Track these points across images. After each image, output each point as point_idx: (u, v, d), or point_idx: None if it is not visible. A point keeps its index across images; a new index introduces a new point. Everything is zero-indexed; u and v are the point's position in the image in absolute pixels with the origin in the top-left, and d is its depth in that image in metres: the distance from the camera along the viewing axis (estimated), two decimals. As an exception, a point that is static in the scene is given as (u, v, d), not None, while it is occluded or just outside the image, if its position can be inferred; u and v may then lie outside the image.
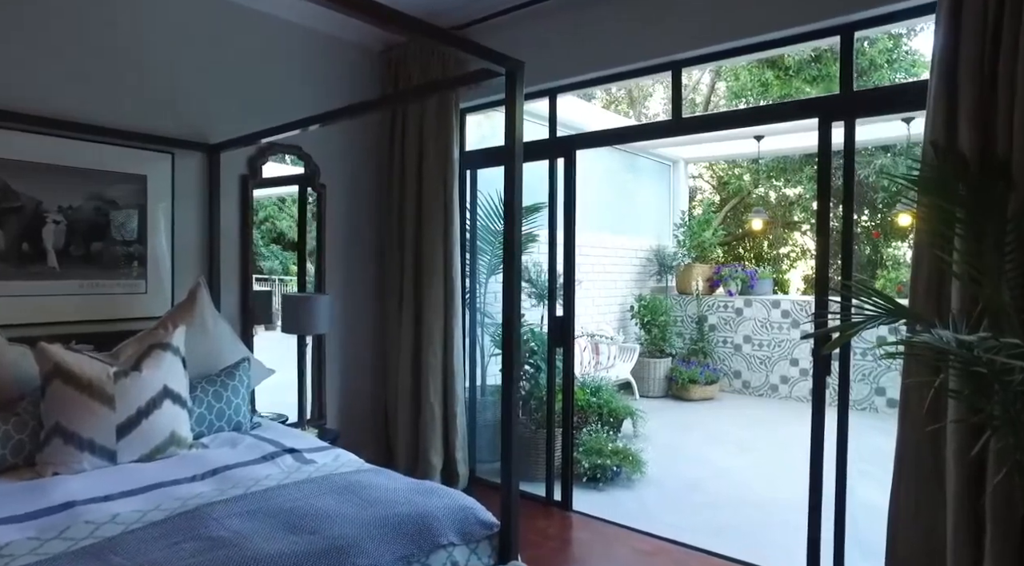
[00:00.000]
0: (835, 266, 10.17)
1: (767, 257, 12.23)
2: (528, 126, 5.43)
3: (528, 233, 4.72)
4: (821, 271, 2.81)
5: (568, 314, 3.77)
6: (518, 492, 2.09)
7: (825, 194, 2.81)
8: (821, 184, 2.83)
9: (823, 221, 2.83)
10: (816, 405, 2.84)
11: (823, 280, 2.79)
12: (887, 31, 5.67)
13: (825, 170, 2.79)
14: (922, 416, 2.22)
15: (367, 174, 4.35)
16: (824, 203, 2.82)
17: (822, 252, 2.83)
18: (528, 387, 4.40)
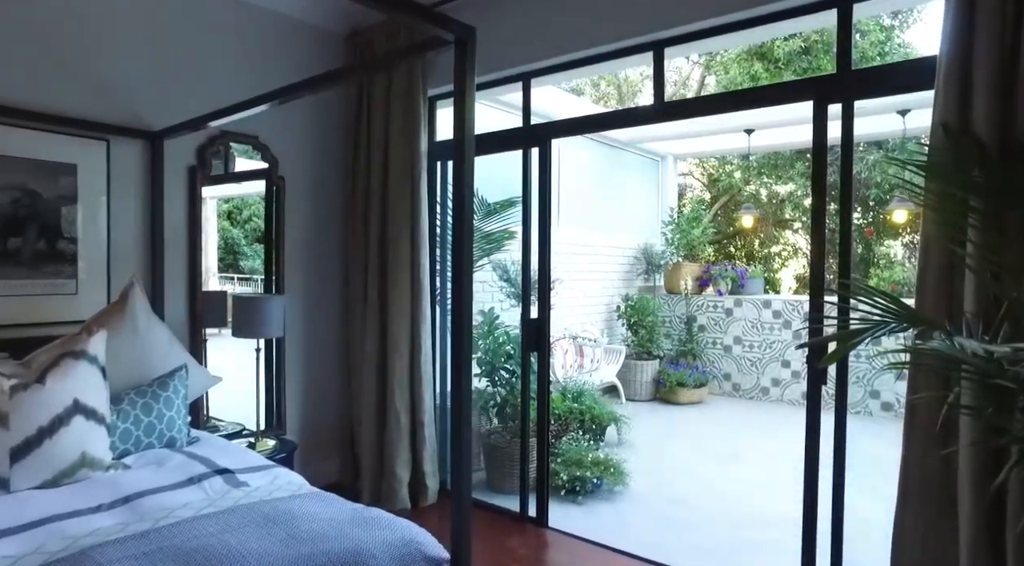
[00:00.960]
0: (828, 266, 9.88)
1: (758, 256, 12.01)
2: (506, 117, 5.18)
3: (503, 230, 4.45)
4: (816, 269, 2.55)
5: (543, 316, 3.49)
6: (469, 521, 1.81)
7: (820, 185, 2.56)
8: (816, 174, 2.57)
9: (818, 214, 2.57)
10: (811, 422, 2.59)
11: (818, 279, 2.53)
12: (888, 7, 5.41)
13: (821, 158, 2.54)
14: (932, 435, 1.96)
15: (331, 167, 4.06)
16: (820, 197, 2.57)
17: (817, 248, 2.57)
18: (504, 393, 4.12)
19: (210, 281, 4.10)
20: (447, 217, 4.08)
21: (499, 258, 4.72)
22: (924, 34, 9.12)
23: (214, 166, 3.89)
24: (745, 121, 6.66)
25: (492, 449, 4.05)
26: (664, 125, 7.43)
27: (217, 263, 4.18)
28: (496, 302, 5.21)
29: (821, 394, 2.59)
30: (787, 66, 8.59)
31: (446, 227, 4.12)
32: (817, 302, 2.49)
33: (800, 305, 6.76)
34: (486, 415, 4.17)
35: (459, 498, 1.84)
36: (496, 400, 4.08)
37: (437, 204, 4.06)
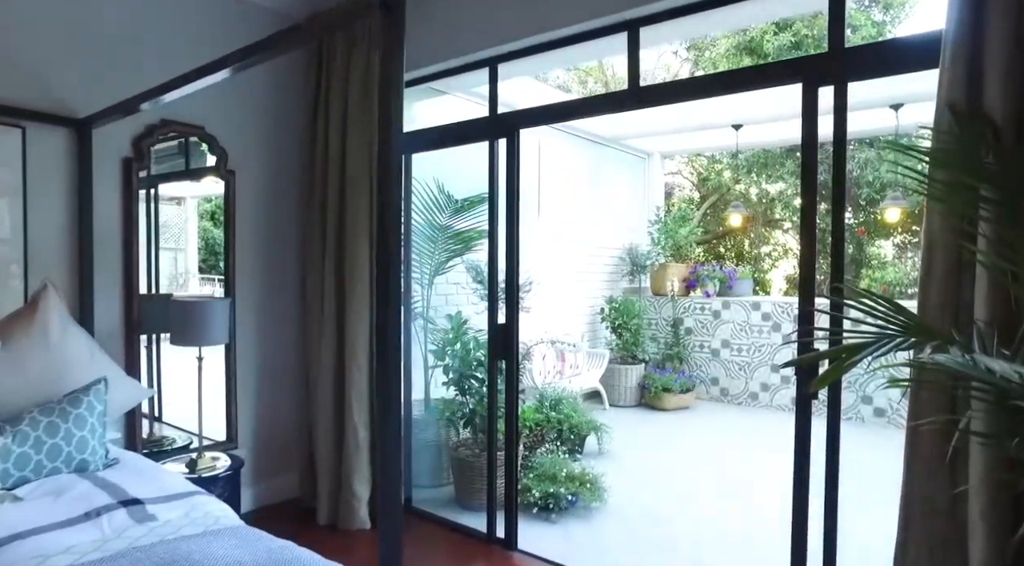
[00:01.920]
0: (818, 267, 9.54)
1: (748, 256, 11.80)
2: (477, 110, 4.91)
3: (473, 229, 4.16)
4: (806, 271, 2.29)
5: (511, 321, 3.22)
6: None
7: (811, 179, 2.30)
8: (806, 167, 2.31)
9: (808, 211, 2.31)
10: (800, 437, 2.32)
11: (808, 283, 2.27)
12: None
13: (811, 149, 2.28)
14: (938, 465, 1.71)
15: (288, 162, 3.78)
16: (810, 193, 2.31)
17: (807, 248, 2.31)
18: (473, 403, 3.85)
19: (190, 283, 3.83)
20: (411, 213, 3.81)
21: (473, 259, 4.44)
22: (916, 30, 8.90)
23: (172, 163, 3.61)
24: (733, 116, 6.42)
25: (460, 463, 3.77)
26: (649, 121, 7.20)
27: (199, 264, 3.93)
28: (470, 305, 4.94)
29: (811, 408, 2.32)
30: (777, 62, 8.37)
31: (410, 224, 3.84)
32: (806, 309, 2.23)
33: (790, 307, 6.52)
34: (452, 426, 3.89)
35: (388, 537, 1.58)
36: (464, 411, 3.80)
37: (400, 200, 3.77)
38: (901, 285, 8.36)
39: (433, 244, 4.20)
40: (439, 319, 4.24)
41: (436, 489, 4.07)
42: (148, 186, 3.54)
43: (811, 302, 2.23)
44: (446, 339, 3.84)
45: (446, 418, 3.84)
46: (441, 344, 3.87)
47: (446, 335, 3.86)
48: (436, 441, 4.08)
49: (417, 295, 4.29)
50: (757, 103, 6.33)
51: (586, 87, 13.37)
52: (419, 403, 4.44)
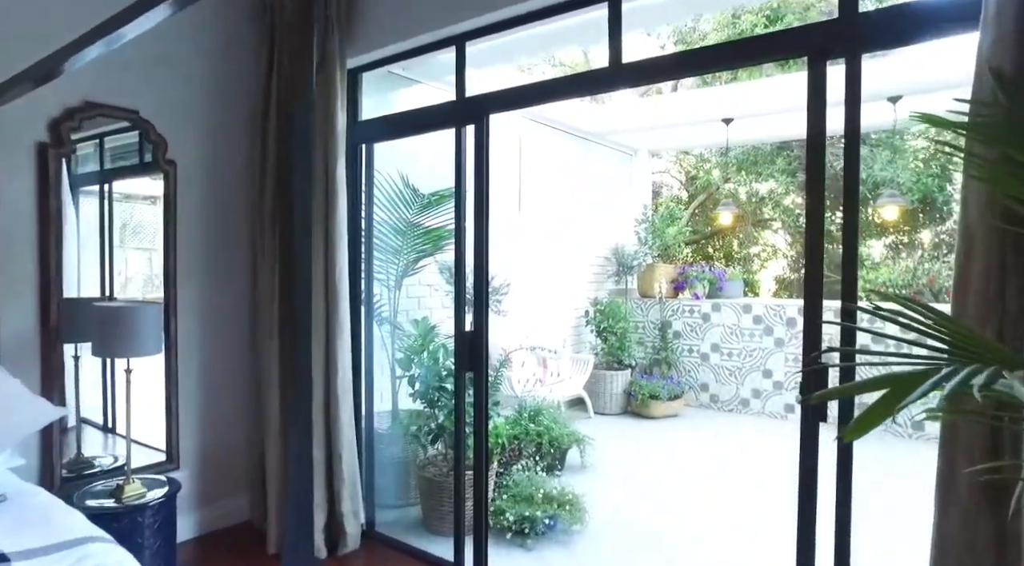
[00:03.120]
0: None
1: (737, 257, 11.53)
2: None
3: (443, 227, 3.82)
4: (813, 274, 1.98)
5: (480, 328, 2.88)
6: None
7: (817, 168, 1.98)
8: (813, 152, 1.99)
9: (814, 206, 1.99)
10: (805, 469, 2.00)
11: (815, 289, 1.95)
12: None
13: (818, 134, 1.96)
14: (977, 507, 1.39)
15: (237, 153, 3.43)
16: (816, 185, 1.99)
17: (814, 246, 1.99)
18: (441, 418, 3.51)
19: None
20: (372, 209, 3.46)
21: (446, 259, 4.10)
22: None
23: (125, 155, 3.26)
24: (722, 110, 6.12)
25: (427, 483, 3.43)
26: (636, 115, 6.90)
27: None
28: (444, 308, 4.60)
29: (817, 438, 2.00)
30: (767, 55, 8.09)
31: (371, 221, 3.50)
32: (814, 322, 1.91)
33: (783, 309, 6.23)
34: (416, 442, 3.55)
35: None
36: (431, 425, 3.46)
37: (362, 194, 3.44)
38: (896, 286, 8.11)
39: (401, 242, 3.85)
40: (409, 324, 3.89)
41: (403, 510, 3.73)
42: (100, 182, 3.20)
43: (818, 313, 1.91)
44: (412, 347, 3.50)
45: (411, 434, 3.49)
46: (407, 352, 3.53)
47: (412, 343, 3.52)
48: (403, 457, 3.74)
49: (383, 298, 3.95)
50: (748, 95, 6.05)
51: (572, 83, 13.02)
52: (386, 415, 4.09)
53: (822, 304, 1.99)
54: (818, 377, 1.95)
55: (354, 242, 3.35)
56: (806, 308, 2.00)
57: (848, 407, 1.93)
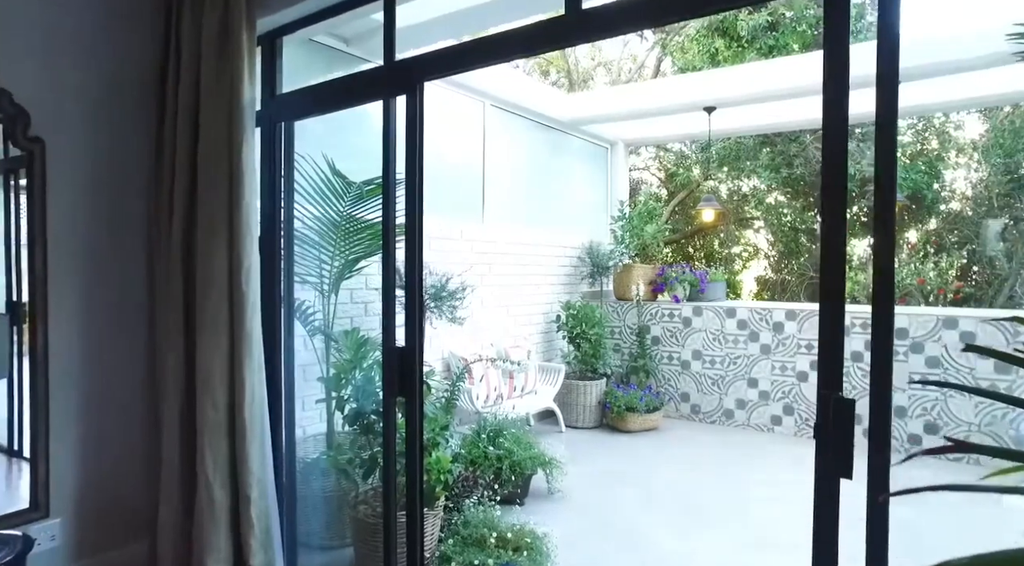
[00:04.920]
0: (788, 268, 8.83)
1: (718, 257, 11.13)
2: (464, 99, 4.01)
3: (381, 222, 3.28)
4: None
5: (413, 343, 2.35)
6: None
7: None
8: (832, 88, 1.49)
9: (834, 193, 1.49)
10: (821, 538, 1.50)
11: (835, 293, 1.43)
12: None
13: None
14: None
15: (128, 136, 2.86)
16: (837, 174, 1.49)
17: (832, 242, 1.49)
18: (376, 447, 2.97)
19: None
20: (292, 200, 2.91)
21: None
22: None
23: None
24: (705, 95, 5.65)
25: (360, 525, 2.89)
26: (613, 102, 6.41)
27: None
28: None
29: (838, 495, 1.50)
30: (751, 44, 7.66)
31: (291, 214, 2.95)
32: (835, 335, 1.41)
33: (769, 313, 5.78)
34: (345, 476, 3.00)
35: None
36: (363, 457, 2.92)
37: (280, 181, 2.88)
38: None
39: (335, 240, 3.31)
40: (341, 336, 3.34)
41: (338, 552, 3.19)
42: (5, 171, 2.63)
43: (839, 321, 1.41)
44: (341, 364, 2.95)
45: (340, 468, 2.94)
46: (336, 369, 2.99)
47: (341, 358, 2.98)
48: (339, 490, 3.20)
49: (315, 304, 3.41)
50: (732, 80, 5.59)
51: (548, 76, 12.58)
52: (319, 439, 3.56)
53: (844, 311, 1.49)
54: (843, 412, 1.45)
55: (271, 239, 2.81)
56: (825, 316, 1.49)
57: (881, 458, 1.43)
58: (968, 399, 4.95)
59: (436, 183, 5.04)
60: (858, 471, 1.46)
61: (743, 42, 7.61)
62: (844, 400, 1.46)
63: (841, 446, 1.47)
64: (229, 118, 2.54)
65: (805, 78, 5.13)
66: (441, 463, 2.79)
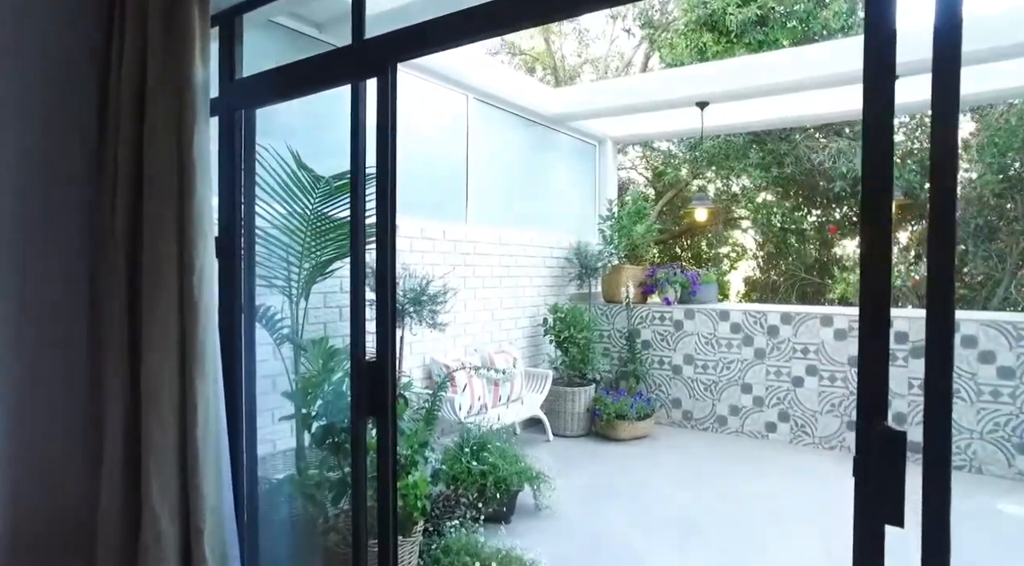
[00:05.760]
0: (777, 269, 8.60)
1: (707, 257, 10.96)
2: (446, 92, 3.72)
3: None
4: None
5: (384, 357, 2.09)
6: None
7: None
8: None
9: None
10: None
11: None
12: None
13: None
14: None
15: (69, 116, 2.57)
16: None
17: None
18: (348, 468, 2.70)
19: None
20: (253, 195, 2.64)
21: (370, 260, 3.31)
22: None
23: None
24: (696, 90, 5.43)
25: (329, 556, 2.63)
26: (601, 96, 6.18)
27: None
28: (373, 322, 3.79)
29: (883, 535, 1.27)
30: (740, 38, 7.47)
31: (252, 210, 2.67)
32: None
33: (764, 316, 5.58)
34: (312, 502, 2.73)
35: None
36: (331, 480, 2.65)
37: (240, 173, 2.61)
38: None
39: (304, 240, 3.04)
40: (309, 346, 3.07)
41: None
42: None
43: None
44: (308, 378, 2.68)
45: (306, 493, 2.67)
46: (302, 384, 2.72)
47: (309, 372, 2.71)
48: (306, 516, 2.93)
49: (284, 310, 3.13)
50: (726, 74, 5.39)
51: (534, 73, 12.35)
52: (289, 455, 3.29)
53: (889, 324, 1.26)
54: (891, 447, 1.22)
55: (230, 239, 2.53)
56: (866, 329, 1.26)
57: (938, 500, 1.19)
58: (970, 405, 4.78)
59: (417, 181, 4.78)
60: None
61: (732, 37, 7.41)
62: (893, 432, 1.22)
63: (889, 487, 1.23)
64: (178, 103, 2.26)
65: (801, 71, 4.94)
66: (419, 487, 2.53)
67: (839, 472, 4.73)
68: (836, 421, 5.25)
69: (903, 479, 1.22)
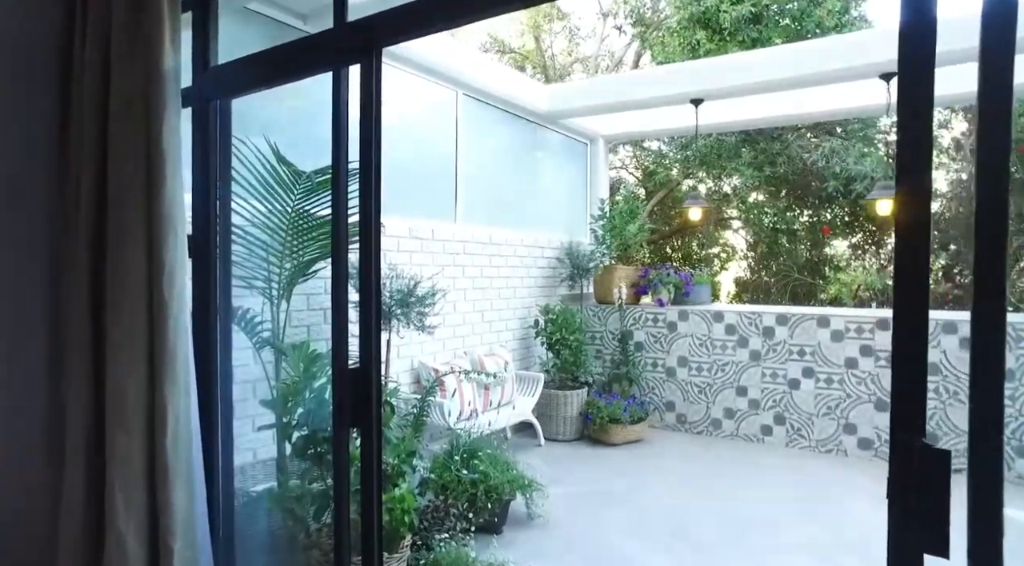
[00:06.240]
0: (768, 269, 8.52)
1: (697, 257, 10.87)
2: (433, 87, 3.54)
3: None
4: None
5: (368, 364, 1.95)
6: None
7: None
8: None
9: (916, 162, 1.14)
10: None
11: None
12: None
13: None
14: None
15: (30, 103, 2.40)
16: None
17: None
18: (331, 480, 2.56)
19: None
20: (229, 191, 2.48)
21: (354, 259, 3.16)
22: (882, 4, 8.13)
23: None
24: (693, 88, 5.32)
25: (309, 573, 2.48)
26: (596, 94, 6.05)
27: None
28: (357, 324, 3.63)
29: None
30: (733, 36, 7.38)
31: (228, 208, 2.52)
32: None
33: (759, 317, 5.47)
34: (293, 517, 2.58)
35: None
36: (313, 493, 2.50)
37: (216, 168, 2.45)
38: (872, 288, 7.52)
39: (284, 238, 2.89)
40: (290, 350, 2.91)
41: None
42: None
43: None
44: (288, 385, 2.53)
45: (286, 508, 2.52)
46: (282, 392, 2.56)
47: (289, 379, 2.56)
48: (287, 530, 2.77)
49: (264, 313, 2.98)
50: (721, 70, 5.28)
51: (524, 73, 12.22)
52: (270, 465, 3.13)
53: (927, 326, 1.13)
54: (933, 467, 1.09)
55: (205, 237, 2.38)
56: (903, 331, 1.13)
57: (990, 527, 1.07)
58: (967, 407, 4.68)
59: (405, 179, 4.63)
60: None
61: (726, 35, 7.32)
62: (935, 450, 1.09)
63: (930, 512, 1.10)
64: (145, 91, 2.11)
65: (799, 68, 4.83)
66: (406, 501, 2.39)
67: (836, 476, 4.63)
68: (833, 424, 5.15)
69: (947, 504, 1.09)
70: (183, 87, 2.24)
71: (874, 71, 4.69)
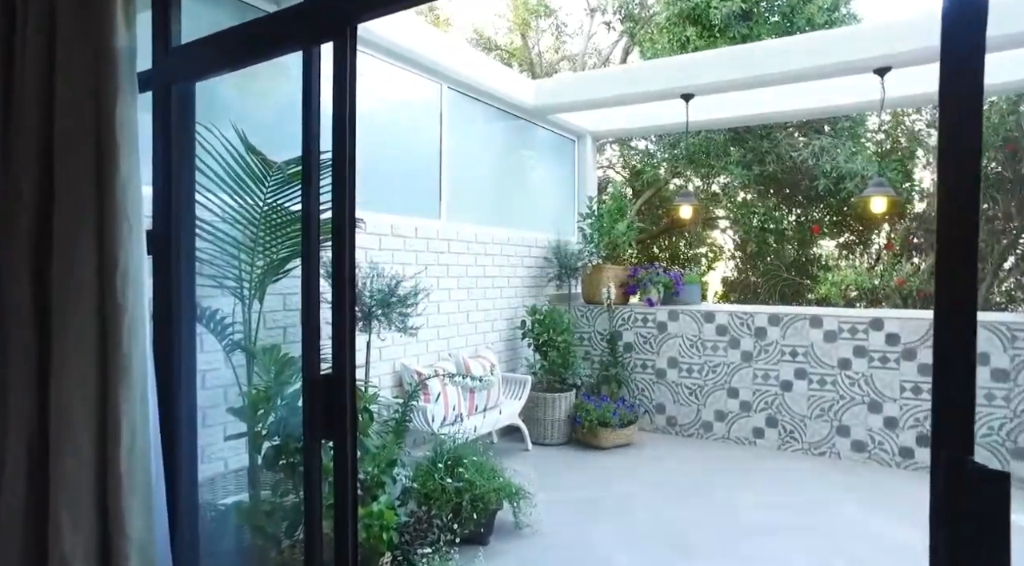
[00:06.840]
0: (756, 269, 8.42)
1: (685, 257, 10.78)
2: (413, 78, 3.34)
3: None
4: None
5: (342, 370, 1.78)
6: None
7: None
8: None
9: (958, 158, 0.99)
10: None
11: None
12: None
13: None
14: None
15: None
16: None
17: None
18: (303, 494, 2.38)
19: None
20: (193, 183, 2.30)
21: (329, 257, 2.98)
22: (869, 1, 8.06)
23: None
24: (683, 83, 5.19)
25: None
26: (584, 89, 5.91)
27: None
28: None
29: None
30: (723, 33, 7.28)
31: (193, 200, 2.34)
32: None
33: (751, 318, 5.36)
34: (263, 535, 2.40)
35: None
36: (284, 507, 2.32)
37: (178, 157, 2.27)
38: (862, 288, 7.45)
39: (256, 234, 2.70)
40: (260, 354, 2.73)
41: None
42: None
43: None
44: (257, 393, 2.35)
45: (255, 525, 2.34)
46: (252, 398, 2.38)
47: (258, 386, 2.38)
48: (256, 548, 2.59)
49: (234, 314, 2.80)
50: (712, 65, 5.16)
51: (511, 68, 12.06)
52: (242, 475, 2.95)
53: (976, 331, 0.98)
54: (986, 490, 0.94)
55: (166, 233, 2.20)
56: (945, 338, 0.99)
57: None
58: (965, 410, 4.60)
59: (388, 175, 4.46)
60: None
61: (716, 31, 7.21)
62: (989, 472, 0.95)
63: (983, 541, 0.95)
64: (95, 70, 1.92)
65: (792, 63, 4.72)
66: (384, 518, 2.22)
67: (829, 480, 4.52)
68: (826, 426, 5.05)
69: (1007, 531, 0.94)
70: (143, 70, 2.07)
71: (868, 66, 4.59)
